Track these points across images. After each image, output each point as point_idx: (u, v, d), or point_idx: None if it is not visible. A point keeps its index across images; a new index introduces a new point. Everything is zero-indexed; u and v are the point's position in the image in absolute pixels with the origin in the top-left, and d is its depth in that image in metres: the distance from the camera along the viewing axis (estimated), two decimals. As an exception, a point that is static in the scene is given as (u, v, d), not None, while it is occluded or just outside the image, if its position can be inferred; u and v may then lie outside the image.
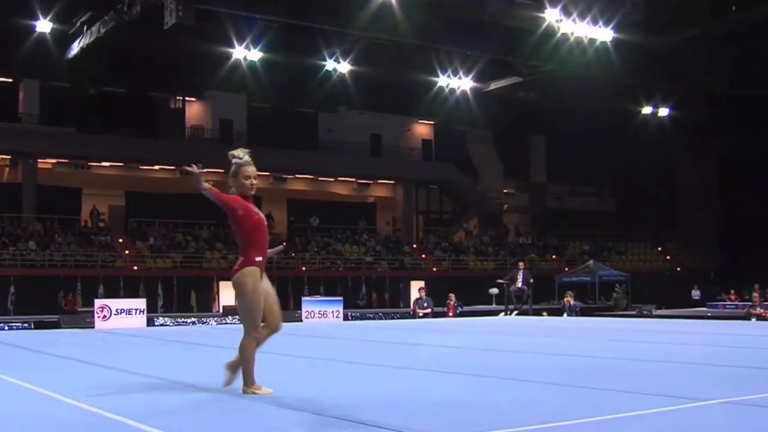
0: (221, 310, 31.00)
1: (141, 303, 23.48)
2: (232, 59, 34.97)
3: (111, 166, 40.40)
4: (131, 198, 39.83)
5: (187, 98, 43.06)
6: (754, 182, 43.25)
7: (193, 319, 27.39)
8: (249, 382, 6.59)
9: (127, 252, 35.79)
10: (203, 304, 34.74)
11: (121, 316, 21.97)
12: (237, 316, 27.90)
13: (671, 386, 7.13)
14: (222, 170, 34.62)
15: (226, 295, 35.20)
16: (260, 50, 34.27)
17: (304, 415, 5.70)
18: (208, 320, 26.88)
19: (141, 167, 41.02)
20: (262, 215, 6.98)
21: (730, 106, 42.11)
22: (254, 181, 7.05)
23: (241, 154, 7.10)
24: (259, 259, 6.73)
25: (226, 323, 25.74)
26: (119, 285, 33.23)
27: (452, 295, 28.53)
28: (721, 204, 47.91)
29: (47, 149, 37.52)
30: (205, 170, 6.39)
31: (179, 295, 34.66)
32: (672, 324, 19.89)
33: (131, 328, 20.63)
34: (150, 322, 23.77)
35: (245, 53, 34.40)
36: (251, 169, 7.09)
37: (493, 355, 11.07)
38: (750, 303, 28.30)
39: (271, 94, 40.96)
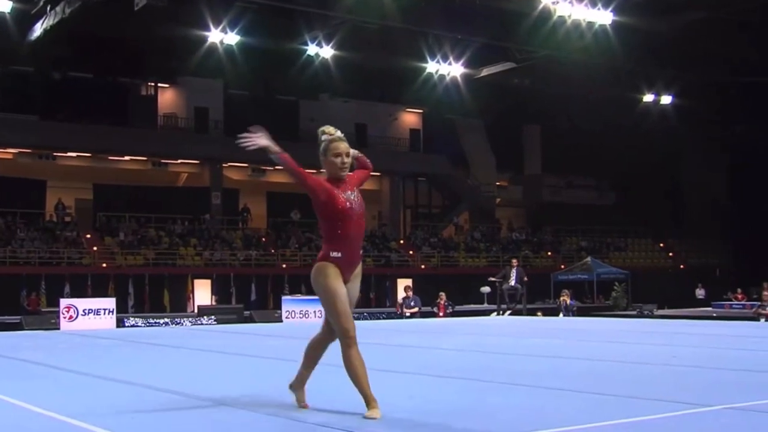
0: (196, 310, 30.97)
1: (110, 303, 23.46)
2: (208, 43, 34.89)
3: (78, 156, 40.22)
4: (99, 191, 39.71)
5: (159, 84, 42.93)
6: (764, 175, 43.35)
7: (166, 319, 27.40)
8: (370, 402, 5.80)
9: (95, 248, 35.67)
10: (177, 304, 34.70)
11: (89, 316, 21.93)
12: (213, 316, 27.97)
13: (673, 391, 7.16)
14: (197, 161, 34.84)
15: (201, 294, 35.27)
16: (238, 33, 34.19)
17: (285, 422, 5.69)
18: (182, 321, 26.86)
19: (110, 158, 40.87)
20: (353, 203, 6.13)
21: (739, 95, 42.22)
22: (346, 159, 6.33)
23: (332, 130, 6.46)
24: (336, 254, 5.93)
25: (201, 324, 25.70)
26: (87, 284, 33.14)
27: (443, 294, 28.55)
28: (729, 198, 48.07)
29: (8, 138, 37.27)
30: (178, 161, 6.00)
31: (151, 295, 34.60)
32: (674, 325, 19.95)
33: (100, 329, 20.58)
34: (120, 323, 23.74)
35: (222, 36, 34.30)
36: (343, 146, 6.33)
37: (486, 357, 11.08)
38: (758, 303, 28.42)
39: (250, 80, 40.90)
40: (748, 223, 44.28)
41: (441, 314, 27.57)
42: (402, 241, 44.47)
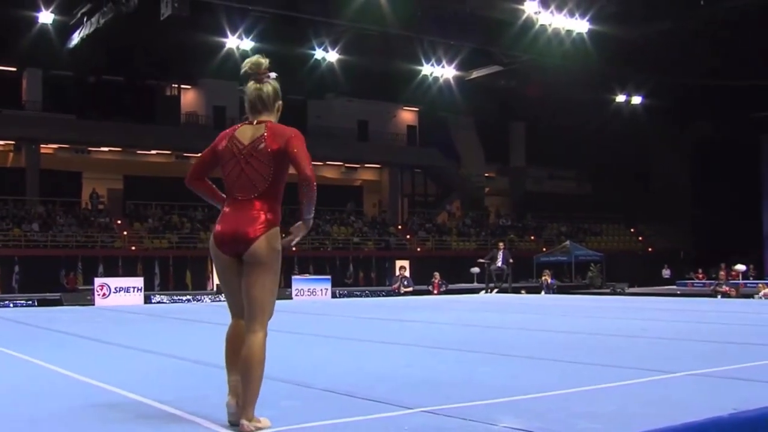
0: (215, 289, 30.97)
1: (139, 281, 23.41)
2: (226, 48, 34.85)
3: (110, 151, 40.26)
4: (129, 181, 39.68)
5: (182, 86, 42.88)
6: (723, 168, 43.42)
7: (188, 296, 27.36)
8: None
9: (125, 233, 35.67)
10: (198, 283, 34.70)
11: (120, 294, 21.91)
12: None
13: (644, 359, 7.18)
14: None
15: (220, 273, 35.19)
16: (252, 40, 34.16)
17: (293, 388, 5.71)
18: (202, 298, 26.85)
19: (138, 152, 40.91)
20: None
21: (701, 95, 42.22)
22: None
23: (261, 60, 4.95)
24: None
25: (220, 300, 25.70)
26: (118, 264, 33.15)
27: (437, 274, 28.57)
28: (692, 188, 48.10)
29: (49, 135, 37.37)
30: (199, 154, 5.23)
31: (175, 274, 34.61)
32: (644, 301, 19.99)
33: (129, 305, 20.61)
34: (147, 300, 23.72)
35: (238, 43, 34.28)
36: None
37: (475, 331, 11.11)
38: (716, 281, 28.46)
39: (264, 82, 40.78)
40: (708, 211, 44.35)
41: (435, 292, 27.60)
42: (400, 227, 44.46)
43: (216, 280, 33.95)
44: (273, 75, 4.85)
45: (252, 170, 4.45)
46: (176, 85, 42.79)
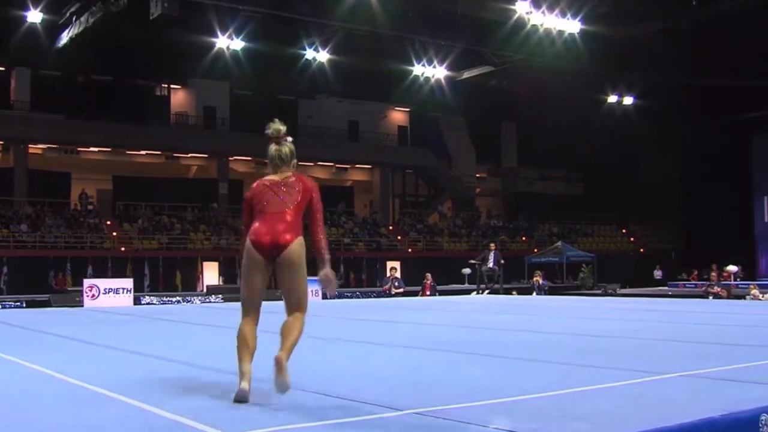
0: (205, 290, 30.95)
1: (128, 282, 23.34)
2: (216, 48, 34.85)
3: (99, 151, 40.15)
4: (119, 182, 39.62)
5: (172, 86, 42.84)
6: (715, 169, 43.47)
7: (178, 298, 27.31)
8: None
9: (114, 234, 35.60)
10: (188, 284, 34.69)
11: (109, 295, 21.84)
12: (221, 295, 27.94)
13: (636, 361, 7.19)
14: (206, 155, 34.81)
15: (210, 274, 35.26)
16: (243, 40, 34.13)
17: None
18: (192, 299, 26.79)
19: (128, 152, 40.82)
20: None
21: (694, 96, 42.31)
22: None
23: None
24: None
25: (210, 302, 25.67)
26: (107, 265, 33.11)
27: (429, 275, 28.49)
28: (684, 189, 48.18)
29: (38, 135, 37.26)
30: (189, 155, 5.84)
31: (165, 275, 34.60)
32: (635, 302, 20.02)
33: (119, 306, 20.54)
34: (137, 301, 23.68)
35: (228, 42, 34.26)
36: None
37: (466, 332, 11.11)
38: (707, 282, 28.52)
39: (254, 81, 40.75)
40: (700, 212, 44.40)
41: (427, 293, 27.57)
42: (391, 227, 44.47)
43: (208, 282, 33.95)
44: (290, 139, 5.99)
45: (284, 194, 5.56)
46: (166, 85, 42.74)
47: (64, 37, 32.09)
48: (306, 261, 5.50)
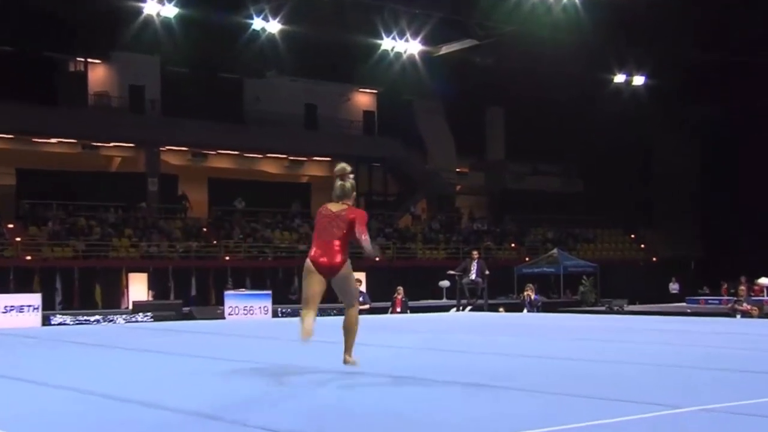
0: (131, 307, 30.70)
1: (35, 299, 23.12)
2: (143, 15, 34.65)
3: None
4: (23, 176, 39.25)
5: (89, 60, 42.42)
6: (741, 160, 43.66)
7: (97, 317, 27.12)
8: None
9: (18, 239, 35.24)
10: (110, 300, 34.37)
11: (11, 314, 21.63)
12: (150, 313, 27.80)
13: (644, 391, 7.20)
14: (132, 144, 34.43)
15: (137, 289, 34.98)
16: (176, 5, 33.99)
17: (224, 426, 5.65)
18: (115, 318, 26.60)
19: (35, 140, 40.35)
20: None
21: (717, 75, 42.46)
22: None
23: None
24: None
25: (137, 321, 25.49)
26: (9, 278, 32.74)
27: (401, 289, 28.46)
28: (704, 185, 48.46)
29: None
30: (111, 144, 6.03)
31: (81, 290, 34.25)
32: (646, 321, 20.12)
33: (23, 327, 20.33)
34: (46, 321, 23.47)
35: (158, 8, 34.07)
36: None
37: (443, 356, 11.09)
38: (735, 298, 28.63)
39: (189, 56, 40.50)
40: (724, 213, 44.61)
41: (398, 310, 27.54)
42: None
43: (134, 297, 33.69)
44: (352, 175, 9.02)
45: (336, 227, 8.60)
46: (82, 60, 42.33)
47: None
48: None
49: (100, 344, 14.15)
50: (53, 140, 40.64)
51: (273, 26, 36.89)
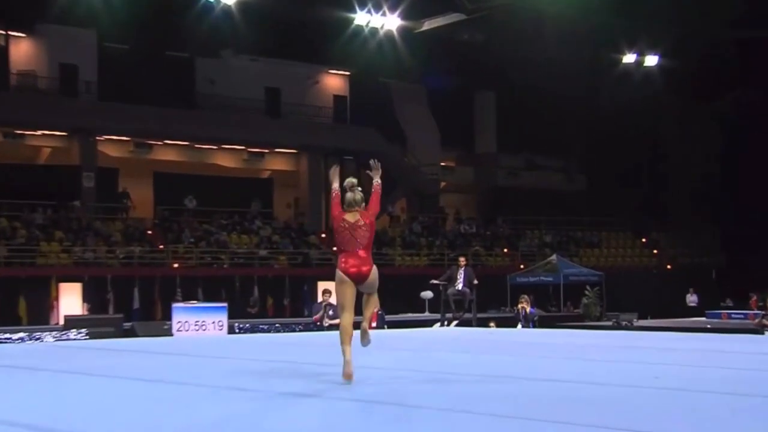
0: (62, 322, 30.54)
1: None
2: (78, -19, 34.52)
3: None
4: (-67, 169, 39.10)
5: (11, 33, 42.19)
6: (766, 155, 43.75)
7: (21, 334, 26.96)
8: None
9: (-73, 243, 35.13)
10: (37, 315, 34.24)
11: None
12: (85, 329, 27.75)
13: (655, 420, 7.23)
14: (64, 133, 34.42)
15: (69, 301, 34.81)
16: (116, -28, 33.89)
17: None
18: (43, 335, 26.47)
19: (-53, 127, 40.19)
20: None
21: (738, 54, 42.53)
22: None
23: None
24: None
25: (69, 338, 25.39)
26: None
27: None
28: (725, 183, 48.60)
29: None
30: (39, 132, 5.92)
31: (3, 303, 34.09)
32: (659, 338, 20.20)
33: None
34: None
35: (96, -26, 33.97)
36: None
37: (424, 378, 11.12)
38: (763, 312, 28.70)
39: (131, 31, 40.37)
40: (748, 215, 44.72)
41: (373, 325, 27.52)
42: (324, 235, 44.37)
43: (66, 311, 33.55)
44: (359, 189, 10.73)
45: (359, 236, 10.35)
46: (3, 32, 42.03)
47: None
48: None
49: (25, 366, 14.09)
50: (-32, 128, 40.48)
51: (228, -3, 36.99)
